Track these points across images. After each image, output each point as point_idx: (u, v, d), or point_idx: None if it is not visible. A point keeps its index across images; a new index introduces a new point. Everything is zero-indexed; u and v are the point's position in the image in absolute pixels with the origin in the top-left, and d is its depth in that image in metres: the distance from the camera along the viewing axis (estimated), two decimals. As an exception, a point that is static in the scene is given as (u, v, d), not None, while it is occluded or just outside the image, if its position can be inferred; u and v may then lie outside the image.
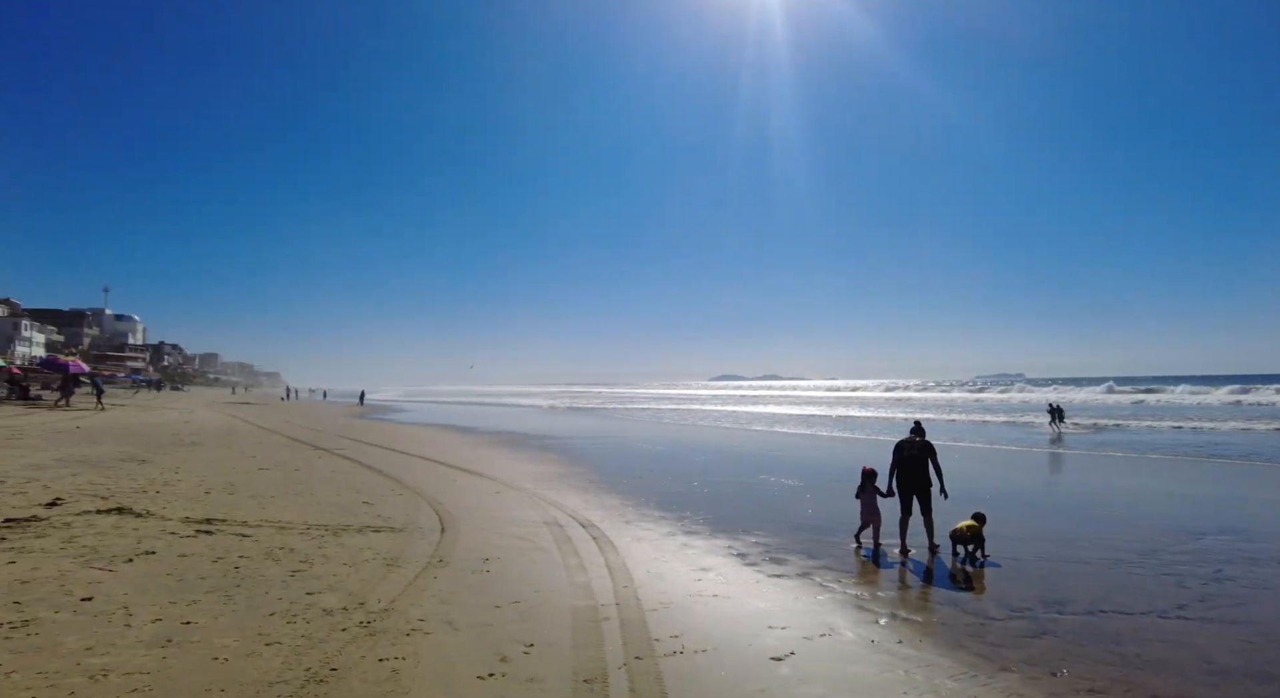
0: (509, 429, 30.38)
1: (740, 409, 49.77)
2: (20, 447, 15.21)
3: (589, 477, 14.51)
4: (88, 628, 4.60)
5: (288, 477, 12.50)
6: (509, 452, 19.81)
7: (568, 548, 8.05)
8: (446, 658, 4.61)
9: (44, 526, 7.42)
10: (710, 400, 68.11)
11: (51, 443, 16.47)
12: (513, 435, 26.43)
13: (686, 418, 40.37)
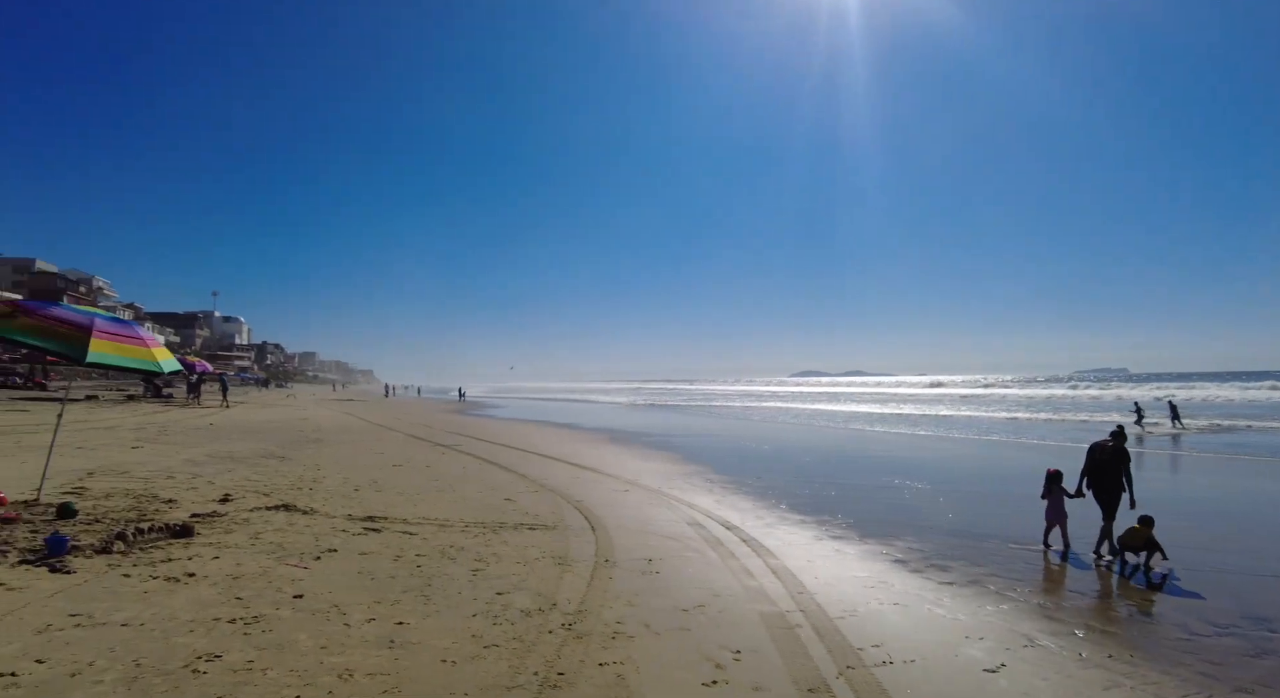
0: (607, 426, 30.55)
1: (831, 408, 48.65)
2: (171, 443, 16.10)
3: (707, 476, 14.34)
4: (313, 626, 4.70)
5: (423, 474, 12.78)
6: (618, 449, 19.85)
7: (722, 551, 7.92)
8: (662, 663, 4.53)
9: (226, 521, 7.73)
10: (796, 398, 67.00)
11: (194, 439, 17.39)
12: (614, 432, 26.52)
13: (778, 416, 39.73)
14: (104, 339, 7.53)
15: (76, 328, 7.45)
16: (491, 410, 46.89)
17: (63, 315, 7.57)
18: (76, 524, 7.08)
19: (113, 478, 10.45)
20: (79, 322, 7.56)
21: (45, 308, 7.58)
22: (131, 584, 5.29)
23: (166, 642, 4.21)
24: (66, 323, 7.48)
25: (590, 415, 40.69)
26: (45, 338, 7.25)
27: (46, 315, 7.46)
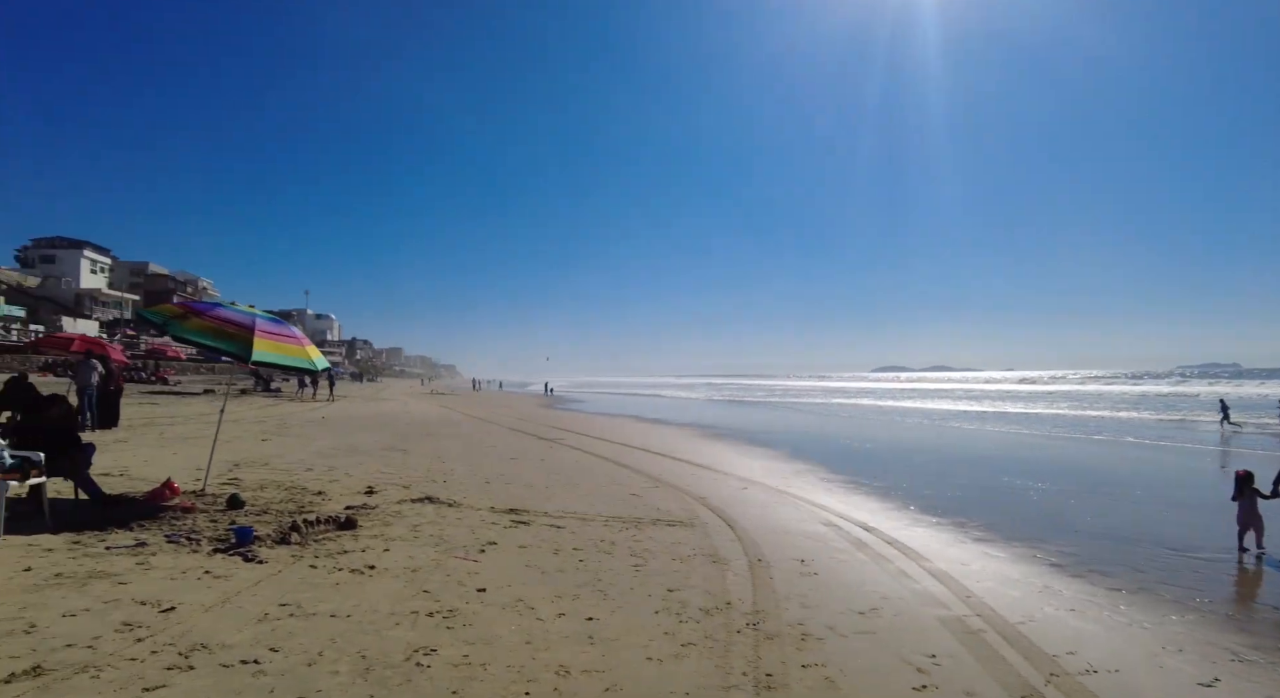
0: (696, 421, 30.44)
1: (924, 405, 47.28)
2: (296, 436, 16.81)
3: (819, 475, 14.05)
4: (508, 621, 4.74)
5: (540, 467, 12.94)
6: (717, 445, 19.71)
7: (869, 552, 7.70)
8: (862, 667, 4.40)
9: (379, 514, 7.96)
10: (882, 394, 65.41)
11: (314, 432, 18.11)
12: (705, 428, 26.39)
13: (869, 414, 38.79)
14: (265, 339, 7.85)
15: (242, 328, 7.78)
16: (577, 405, 47.40)
17: (228, 316, 7.93)
18: (246, 515, 7.41)
19: (257, 469, 10.94)
20: (243, 322, 7.89)
21: (212, 309, 7.95)
22: (321, 576, 5.47)
23: (379, 635, 4.30)
24: (233, 323, 7.83)
25: (675, 411, 40.68)
26: (216, 338, 7.60)
27: (215, 316, 7.82)
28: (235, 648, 3.93)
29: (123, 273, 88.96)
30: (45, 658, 3.64)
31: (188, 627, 4.20)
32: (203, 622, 4.30)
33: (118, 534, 6.28)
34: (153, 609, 4.46)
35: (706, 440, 21.00)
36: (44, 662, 3.59)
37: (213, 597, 4.77)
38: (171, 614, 4.39)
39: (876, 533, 8.78)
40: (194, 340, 7.65)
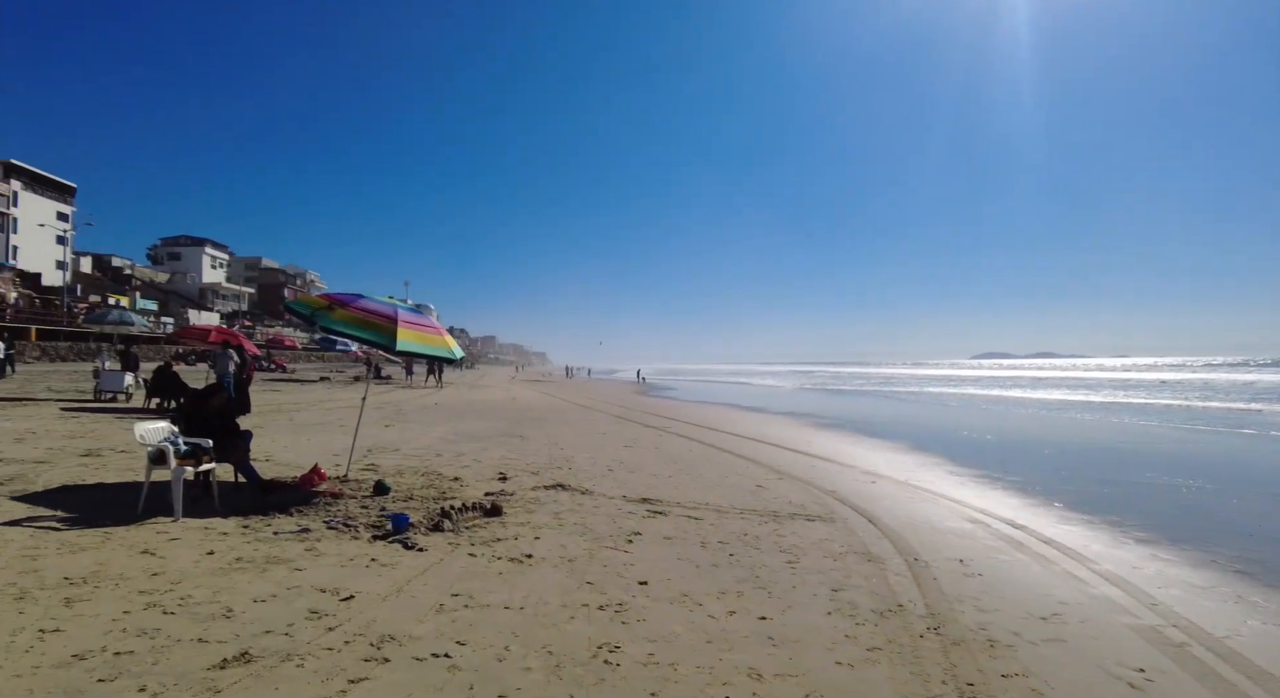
0: (797, 411, 29.79)
1: (1033, 395, 44.85)
2: (415, 422, 17.27)
3: (946, 468, 13.38)
4: (680, 616, 4.58)
5: (656, 455, 12.80)
6: (828, 435, 19.15)
7: (1028, 552, 7.20)
8: (1066, 678, 4.03)
9: (519, 500, 7.97)
10: (987, 383, 62.65)
11: (431, 418, 18.57)
12: (810, 418, 25.74)
13: (977, 403, 37.10)
14: (408, 329, 7.94)
15: (386, 319, 7.89)
16: (671, 392, 47.28)
17: (372, 307, 8.06)
18: (394, 501, 7.53)
19: (389, 455, 11.20)
20: (386, 313, 8.01)
21: (356, 300, 8.09)
22: (482, 565, 5.45)
23: (558, 629, 4.21)
24: (376, 314, 7.95)
25: (773, 399, 39.99)
26: (361, 328, 7.73)
27: (359, 307, 7.96)
28: (422, 640, 3.91)
29: (239, 267, 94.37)
30: (250, 644, 3.69)
31: (371, 617, 4.20)
32: (383, 612, 4.31)
33: (281, 520, 6.47)
34: (333, 597, 4.51)
35: (816, 430, 20.46)
36: (250, 648, 3.63)
37: (385, 586, 4.80)
38: (352, 603, 4.42)
39: (1027, 531, 8.24)
40: (340, 331, 7.80)
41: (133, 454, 9.96)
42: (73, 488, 7.49)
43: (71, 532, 5.72)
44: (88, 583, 4.49)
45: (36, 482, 7.65)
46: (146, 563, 4.97)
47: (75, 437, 11.43)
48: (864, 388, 57.14)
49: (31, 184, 59.63)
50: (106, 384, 18.91)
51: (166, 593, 4.38)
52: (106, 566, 4.87)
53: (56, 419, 13.98)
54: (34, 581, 4.48)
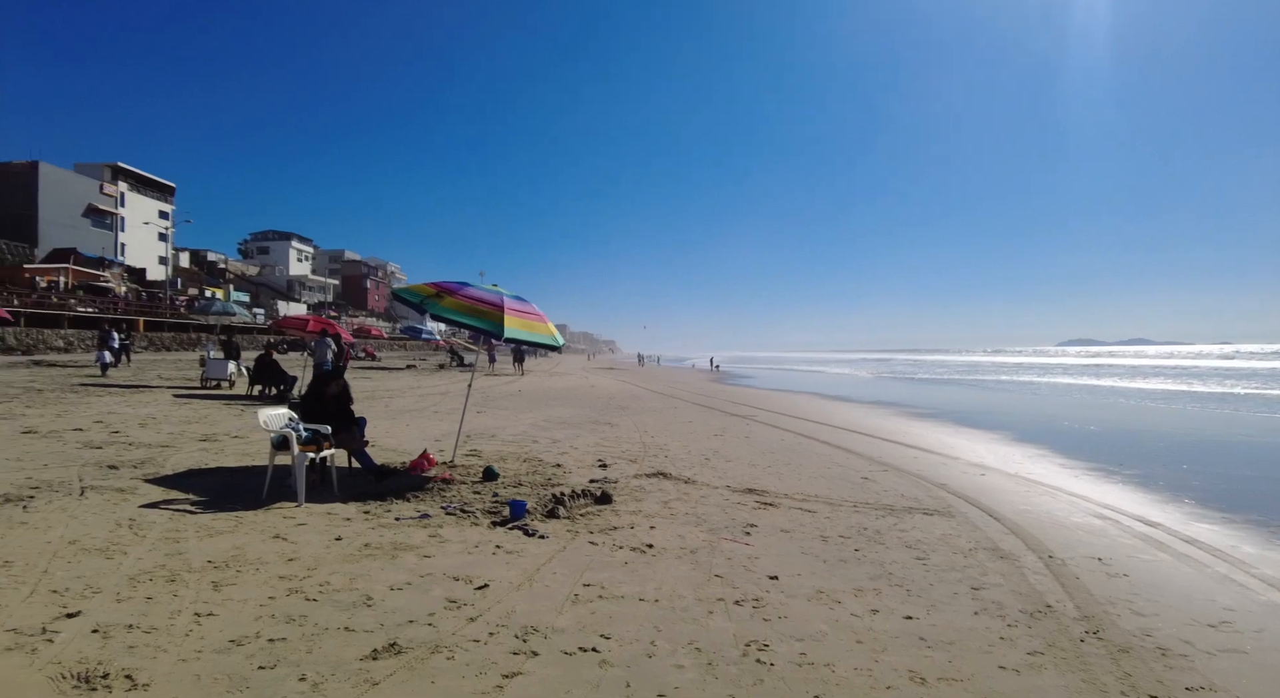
0: (883, 399, 29.00)
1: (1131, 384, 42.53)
2: (504, 408, 17.44)
3: (1056, 460, 12.70)
4: (821, 614, 4.35)
5: (748, 445, 12.55)
6: (923, 424, 18.50)
7: (1169, 551, 6.69)
8: (1259, 695, 3.67)
9: (624, 488, 7.86)
10: (1079, 371, 59.84)
11: (517, 405, 18.74)
12: (899, 407, 24.97)
13: (1073, 392, 35.40)
14: (514, 316, 7.91)
15: (494, 306, 7.88)
16: (746, 380, 46.65)
17: (479, 295, 8.06)
18: (505, 487, 7.53)
19: (487, 441, 11.28)
20: (493, 300, 8.00)
21: (463, 287, 8.11)
22: (605, 553, 5.35)
23: (699, 624, 4.06)
24: (484, 301, 7.95)
25: (854, 387, 39.08)
26: (470, 315, 7.74)
27: (467, 295, 7.97)
28: (566, 633, 3.81)
29: (323, 260, 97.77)
30: (396, 635, 3.65)
31: (509, 607, 4.13)
32: (520, 601, 4.23)
33: (399, 505, 6.52)
34: (467, 585, 4.47)
35: (909, 420, 19.82)
36: (397, 639, 3.59)
37: (516, 574, 4.74)
38: (488, 592, 4.36)
39: (1164, 529, 7.68)
40: (450, 318, 7.83)
41: (245, 439, 10.29)
42: (198, 472, 7.75)
43: (205, 515, 5.87)
44: (230, 567, 4.56)
45: (165, 465, 7.96)
46: (280, 548, 5.04)
47: (191, 422, 11.91)
48: (947, 376, 55.33)
49: (136, 185, 63.02)
50: (211, 372, 19.75)
51: (305, 579, 4.41)
52: (244, 550, 4.96)
53: (171, 405, 14.63)
54: (181, 563, 4.58)
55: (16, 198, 51.24)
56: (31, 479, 6.95)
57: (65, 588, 4.04)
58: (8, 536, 5.02)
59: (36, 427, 10.43)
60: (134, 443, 9.34)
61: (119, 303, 46.34)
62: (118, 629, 3.53)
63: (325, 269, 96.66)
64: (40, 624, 3.55)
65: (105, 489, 6.63)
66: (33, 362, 27.02)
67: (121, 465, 7.79)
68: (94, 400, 14.73)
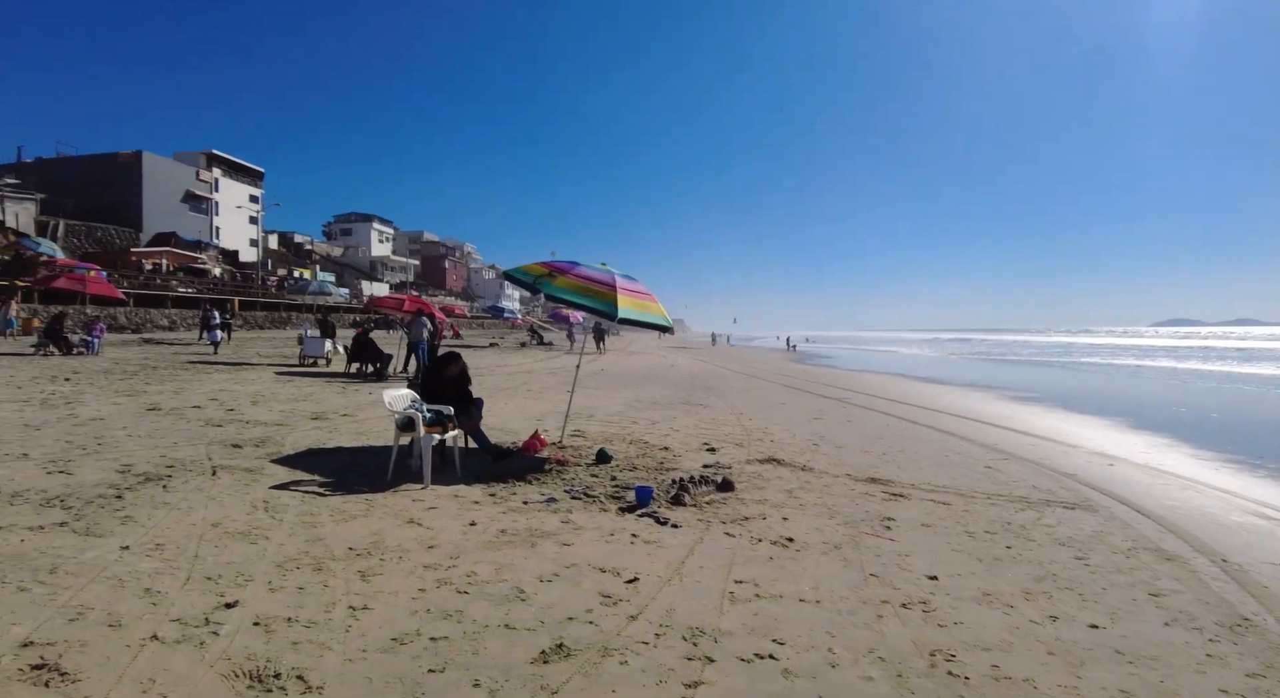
0: (977, 381, 27.88)
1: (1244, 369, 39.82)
2: (593, 388, 17.36)
3: (1184, 450, 11.83)
4: (999, 622, 4.00)
5: (850, 429, 12.08)
6: (1028, 409, 17.62)
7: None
8: None
9: (741, 475, 7.58)
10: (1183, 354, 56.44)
11: (603, 384, 18.64)
12: (997, 389, 23.92)
13: (1184, 377, 33.34)
14: (627, 296, 7.68)
15: (607, 286, 7.67)
16: (826, 360, 45.70)
17: (590, 274, 7.86)
18: (619, 470, 7.34)
19: (587, 421, 11.16)
20: (605, 280, 7.79)
21: (574, 267, 7.91)
22: (745, 546, 5.09)
23: (872, 629, 3.76)
24: (596, 281, 7.74)
25: (940, 368, 37.76)
26: (584, 295, 7.55)
27: (579, 275, 7.78)
28: (735, 636, 3.57)
29: (403, 241, 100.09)
30: (560, 634, 3.48)
31: (665, 604, 3.92)
32: (674, 598, 4.02)
33: (523, 488, 6.42)
34: (615, 578, 4.28)
35: (1013, 404, 18.93)
36: (563, 639, 3.41)
37: (661, 567, 4.53)
38: (639, 587, 4.16)
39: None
40: (563, 298, 7.65)
41: (355, 417, 10.43)
42: (317, 451, 7.83)
43: (335, 498, 5.86)
44: (372, 555, 4.48)
45: (285, 445, 8.07)
46: (418, 535, 4.96)
47: (299, 400, 12.17)
48: (1037, 358, 53.02)
49: (229, 171, 65.52)
50: (309, 350, 20.32)
51: (450, 569, 4.29)
52: (382, 536, 4.89)
53: (275, 382, 15.05)
54: (323, 550, 4.53)
55: (124, 186, 53.91)
56: (165, 457, 7.12)
57: (218, 575, 4.00)
58: (154, 516, 5.07)
59: (159, 404, 10.81)
60: (251, 421, 9.55)
61: (216, 284, 48.40)
62: (278, 622, 3.44)
63: (405, 250, 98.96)
64: (203, 614, 3.49)
65: (235, 469, 6.72)
66: (143, 340, 28.40)
67: (245, 444, 7.93)
68: (204, 378, 15.28)
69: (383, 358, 17.38)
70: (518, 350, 35.31)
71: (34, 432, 8.20)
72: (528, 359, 28.73)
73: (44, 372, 14.55)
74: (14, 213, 43.54)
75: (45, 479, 6.03)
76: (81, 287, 22.31)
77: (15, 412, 9.56)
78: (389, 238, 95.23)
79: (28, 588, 3.69)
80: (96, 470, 6.43)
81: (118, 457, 7.05)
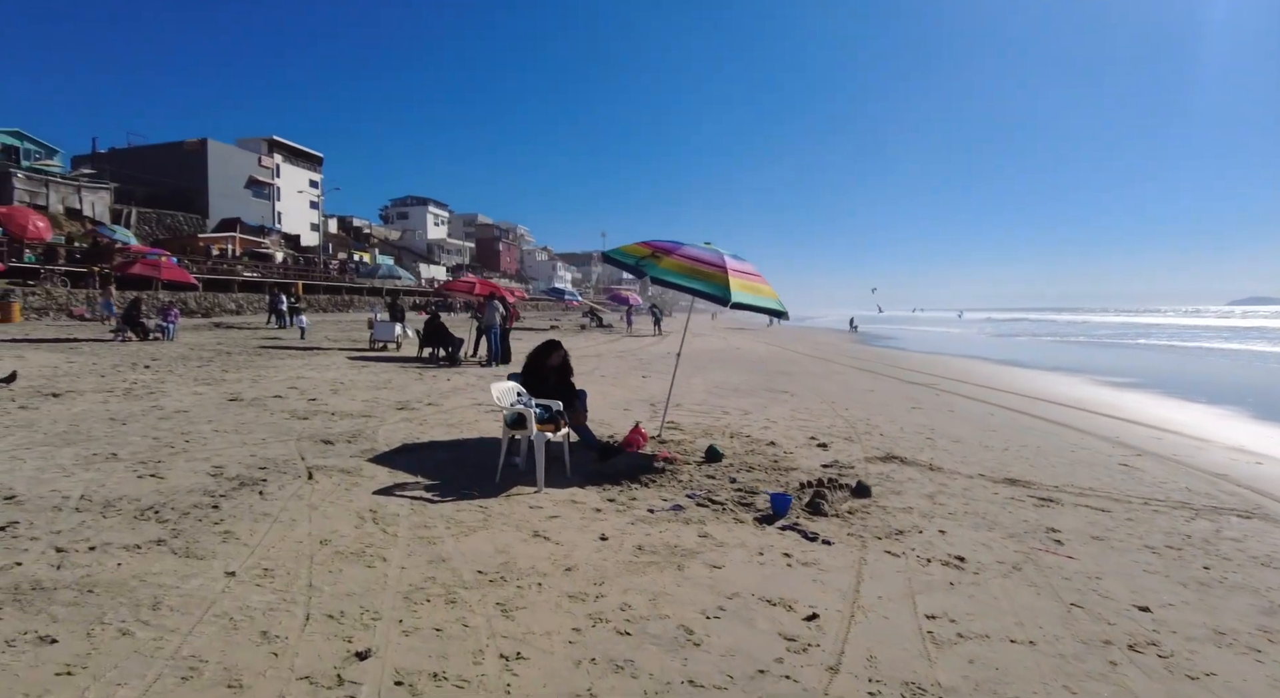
0: (1054, 363, 26.51)
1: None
2: (666, 373, 16.78)
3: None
4: (1254, 673, 3.32)
5: (959, 420, 11.26)
6: (1123, 394, 16.49)
7: None
8: None
9: (868, 474, 6.93)
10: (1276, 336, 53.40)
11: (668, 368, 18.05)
12: (1081, 373, 22.64)
13: None
14: (738, 278, 7.06)
15: (716, 267, 7.06)
16: (892, 341, 44.24)
17: (697, 254, 7.25)
18: (735, 470, 6.76)
19: (674, 410, 10.50)
20: (715, 261, 7.18)
21: (678, 247, 7.31)
22: (915, 568, 4.46)
23: (1113, 682, 3.12)
24: (705, 262, 7.13)
25: (1008, 349, 36.06)
26: (693, 277, 6.94)
27: (685, 255, 7.18)
28: (960, 694, 2.97)
29: (457, 224, 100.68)
30: (758, 693, 2.90)
31: (863, 650, 3.33)
32: (868, 641, 3.42)
33: (640, 491, 5.89)
34: (788, 612, 3.70)
35: (1109, 389, 17.79)
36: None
37: (834, 597, 3.93)
38: (822, 626, 3.57)
39: None
40: (671, 281, 7.03)
41: (441, 407, 10.04)
42: (412, 447, 7.40)
43: (447, 505, 5.39)
44: (507, 581, 3.97)
45: (377, 440, 7.67)
46: (549, 552, 4.44)
47: (379, 388, 11.87)
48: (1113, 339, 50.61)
49: (289, 157, 66.39)
50: (380, 334, 20.17)
51: (599, 600, 3.75)
52: (510, 554, 4.38)
53: (350, 368, 14.84)
54: (450, 575, 4.02)
55: (190, 173, 55.00)
56: (255, 456, 6.76)
57: (340, 611, 3.50)
58: (255, 531, 4.64)
59: (240, 393, 10.58)
60: (335, 412, 9.22)
61: (279, 268, 49.15)
62: (423, 679, 2.90)
63: (460, 232, 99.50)
64: (334, 669, 2.95)
65: (330, 470, 6.29)
66: (214, 324, 28.79)
67: (335, 440, 7.54)
68: (279, 363, 15.16)
69: (454, 342, 17.07)
70: (578, 333, 34.91)
71: (121, 427, 7.93)
72: (591, 342, 28.31)
73: (124, 359, 14.57)
74: (90, 202, 44.71)
75: (137, 485, 5.67)
76: (156, 272, 22.52)
77: (101, 403, 9.38)
78: (444, 221, 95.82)
79: (130, 632, 3.18)
80: (188, 473, 6.01)
81: (207, 457, 6.65)
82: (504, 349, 17.05)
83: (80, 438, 7.28)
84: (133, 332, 19.23)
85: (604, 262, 7.54)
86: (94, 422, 8.17)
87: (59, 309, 27.57)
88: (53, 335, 19.62)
